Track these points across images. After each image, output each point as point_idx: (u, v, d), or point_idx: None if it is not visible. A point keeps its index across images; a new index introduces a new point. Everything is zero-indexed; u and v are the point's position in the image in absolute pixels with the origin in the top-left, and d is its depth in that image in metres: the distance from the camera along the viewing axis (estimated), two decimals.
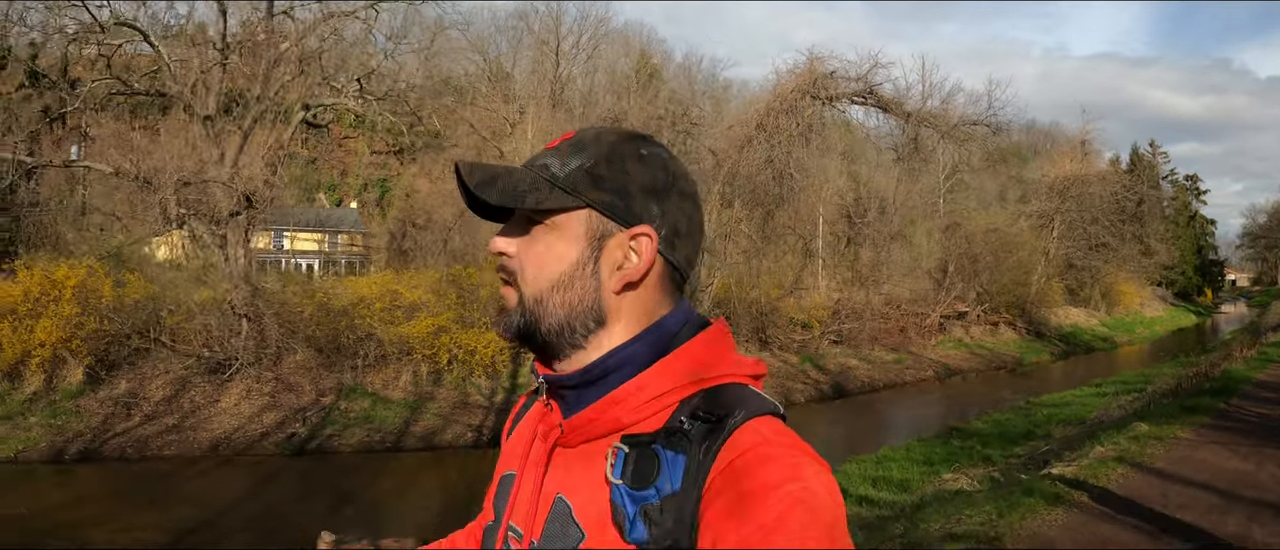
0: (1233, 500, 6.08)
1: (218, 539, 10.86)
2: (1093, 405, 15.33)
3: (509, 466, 1.07)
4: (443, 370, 17.89)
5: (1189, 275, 57.50)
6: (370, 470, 14.13)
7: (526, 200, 0.93)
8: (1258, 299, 62.80)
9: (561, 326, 0.95)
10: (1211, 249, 66.88)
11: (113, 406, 15.74)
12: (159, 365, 17.01)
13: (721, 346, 0.95)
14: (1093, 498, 6.02)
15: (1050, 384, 22.12)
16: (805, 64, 23.59)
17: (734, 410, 0.85)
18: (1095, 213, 35.66)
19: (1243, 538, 5.25)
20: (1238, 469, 7.06)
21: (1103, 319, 38.82)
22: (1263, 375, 13.75)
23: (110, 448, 14.44)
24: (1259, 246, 73.06)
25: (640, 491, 0.84)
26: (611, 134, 0.99)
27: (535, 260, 0.96)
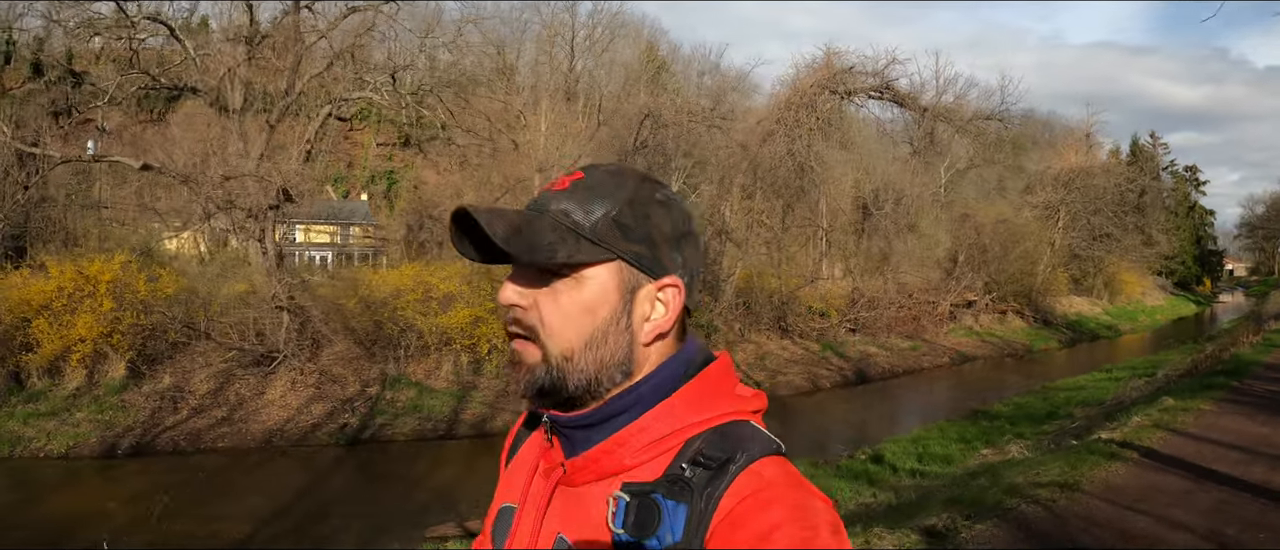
0: (1255, 455, 7.45)
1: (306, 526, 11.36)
2: (1107, 389, 16.51)
3: (508, 498, 1.07)
4: (482, 359, 18.77)
5: (1188, 265, 59.54)
6: (430, 458, 14.96)
7: (557, 255, 0.91)
8: (1255, 289, 64.96)
9: (590, 382, 0.94)
10: (1210, 239, 69.18)
11: (158, 401, 16.28)
12: (198, 359, 17.66)
13: (724, 384, 0.96)
14: (1141, 455, 7.38)
15: (1061, 370, 23.47)
16: (823, 59, 24.78)
17: (736, 454, 0.87)
18: (1099, 204, 37.13)
19: (1267, 482, 6.63)
20: (1257, 432, 8.44)
21: (1106, 308, 40.37)
22: (1269, 359, 15.36)
23: (163, 442, 14.93)
24: (1257, 237, 75.80)
25: (641, 542, 0.85)
26: (628, 177, 0.98)
27: (561, 316, 0.94)
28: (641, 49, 32.71)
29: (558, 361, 0.94)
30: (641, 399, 0.94)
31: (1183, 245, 55.56)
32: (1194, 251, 61.29)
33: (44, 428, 14.60)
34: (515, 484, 1.08)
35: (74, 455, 14.08)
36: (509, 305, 0.97)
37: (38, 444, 14.22)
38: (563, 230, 0.92)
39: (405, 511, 11.98)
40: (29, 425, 14.70)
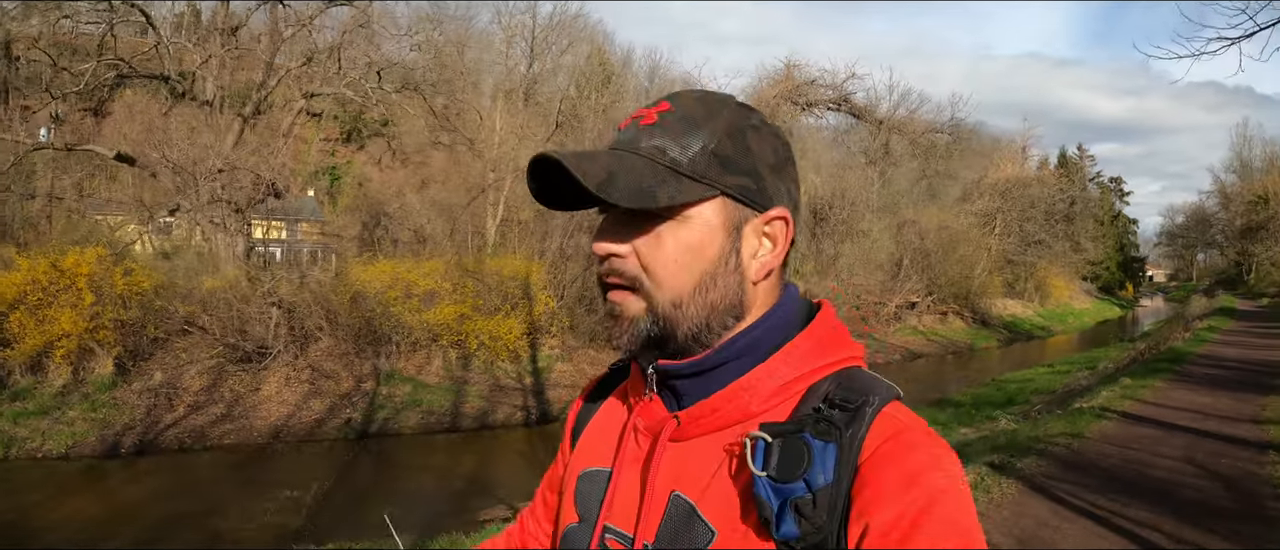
0: (1206, 416, 9.92)
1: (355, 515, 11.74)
2: (1055, 381, 18.97)
3: (595, 462, 1.06)
4: (470, 355, 19.87)
5: (1113, 271, 64.44)
6: (444, 450, 15.97)
7: (660, 197, 0.89)
8: (1175, 293, 70.69)
9: (701, 329, 0.93)
10: (1133, 247, 74.83)
11: (152, 398, 16.51)
12: (185, 355, 17.97)
13: (840, 329, 0.98)
14: (1120, 416, 9.79)
15: (1003, 366, 26.28)
16: (783, 71, 26.96)
17: (870, 396, 0.87)
18: (1032, 212, 40.17)
19: (1218, 431, 9.02)
20: (1203, 401, 11.07)
21: (1037, 310, 43.61)
22: (1201, 350, 18.59)
23: (167, 439, 15.25)
24: (1176, 245, 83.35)
25: (787, 484, 0.83)
26: (721, 104, 0.96)
27: (668, 261, 0.92)
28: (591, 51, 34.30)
29: (666, 310, 0.93)
30: (759, 342, 0.94)
31: (1108, 252, 60.33)
32: (1118, 258, 66.50)
33: (37, 427, 14.78)
34: (598, 449, 1.07)
35: (75, 455, 14.26)
36: (606, 255, 0.95)
37: (33, 444, 14.39)
38: (660, 169, 0.90)
39: (444, 500, 12.80)
40: (20, 425, 14.83)
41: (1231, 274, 66.24)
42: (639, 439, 1.01)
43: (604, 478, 1.04)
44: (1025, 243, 41.29)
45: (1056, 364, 23.57)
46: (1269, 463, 7.58)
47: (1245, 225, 60.73)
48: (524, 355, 20.71)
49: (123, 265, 18.24)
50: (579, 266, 23.40)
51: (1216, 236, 72.24)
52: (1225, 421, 9.50)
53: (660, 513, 0.94)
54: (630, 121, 0.97)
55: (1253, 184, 61.26)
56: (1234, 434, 8.77)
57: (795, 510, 0.83)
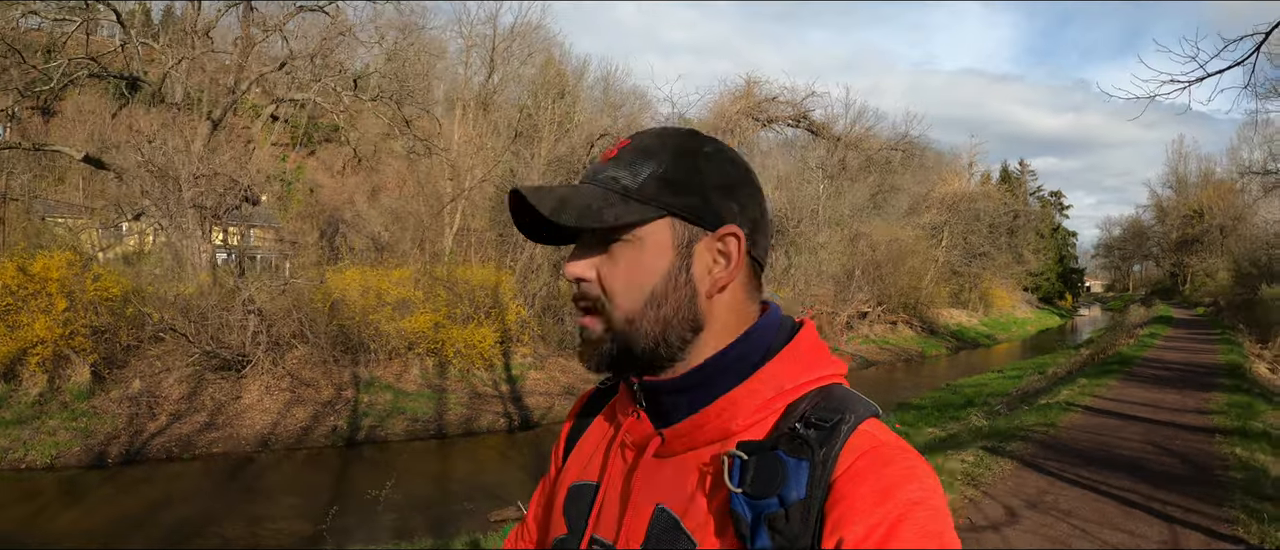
0: (1157, 408, 11.76)
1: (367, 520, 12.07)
2: (1008, 385, 20.63)
3: (583, 476, 1.13)
4: (447, 363, 20.59)
5: (1053, 281, 67.66)
6: (436, 455, 16.70)
7: (605, 217, 0.99)
8: (1113, 303, 74.69)
9: (656, 343, 1.01)
10: (1073, 258, 78.18)
11: (133, 407, 16.59)
12: (160, 363, 18.12)
13: (820, 347, 1.04)
14: (1083, 409, 11.45)
15: (955, 372, 28.11)
16: (744, 87, 28.31)
17: (845, 414, 0.93)
18: (977, 226, 42.24)
19: (1171, 421, 10.59)
20: (1153, 396, 13.01)
21: (982, 319, 45.87)
22: (1146, 354, 20.98)
23: (153, 449, 15.33)
24: (1114, 256, 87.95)
25: (761, 500, 0.89)
26: (672, 135, 1.06)
27: (622, 279, 1.02)
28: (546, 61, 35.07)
29: (620, 327, 1.02)
30: (742, 359, 1.01)
31: (1048, 264, 63.60)
32: (1058, 269, 69.96)
33: (18, 437, 14.77)
34: (586, 464, 1.15)
35: (61, 465, 14.28)
36: (575, 279, 1.04)
37: (16, 455, 14.35)
38: (611, 195, 1.00)
39: (449, 503, 13.33)
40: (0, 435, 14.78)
41: (1167, 284, 70.40)
42: (625, 454, 1.07)
43: (591, 491, 1.10)
44: (970, 254, 43.44)
45: (1006, 370, 25.34)
46: (1215, 443, 9.31)
47: (1181, 238, 64.61)
48: (498, 364, 21.51)
49: (91, 270, 18.41)
50: (548, 275, 24.36)
51: (1152, 248, 76.80)
52: (1175, 413, 11.15)
53: (645, 525, 0.99)
54: (599, 160, 1.07)
55: (1188, 199, 64.98)
56: (1184, 422, 10.40)
57: (769, 525, 0.88)
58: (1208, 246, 59.58)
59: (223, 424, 17.03)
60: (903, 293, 37.79)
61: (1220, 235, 56.97)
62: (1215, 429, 10.02)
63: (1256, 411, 11.62)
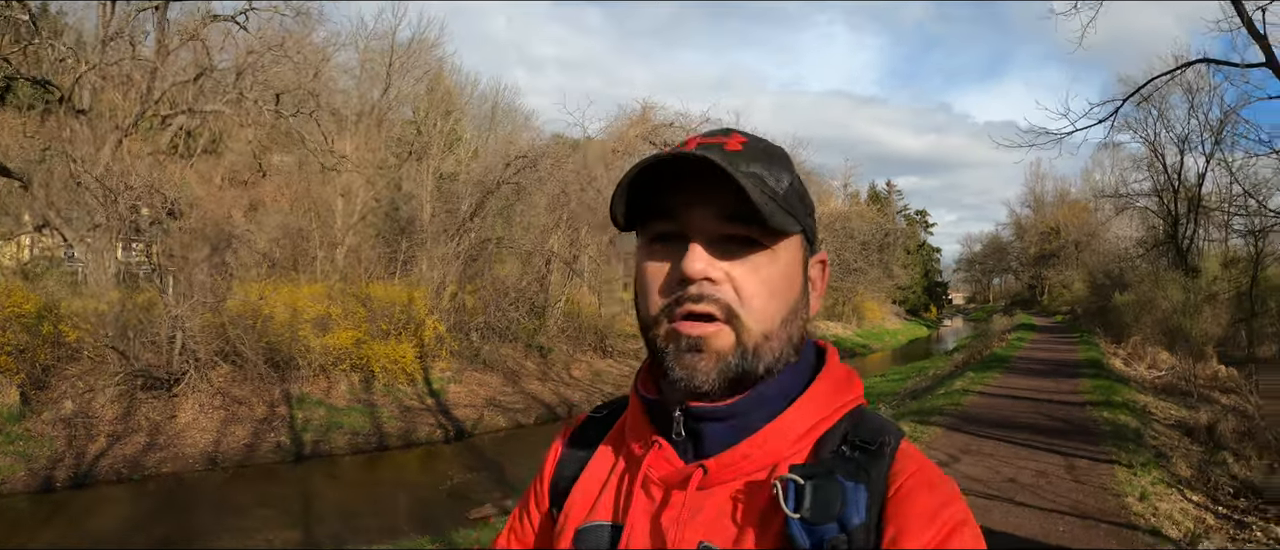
0: (1038, 390, 15.58)
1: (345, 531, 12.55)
2: (895, 386, 24.15)
3: (595, 517, 1.10)
4: (372, 379, 22.06)
5: (919, 295, 73.24)
6: (386, 466, 18.15)
7: (778, 223, 0.96)
8: (975, 314, 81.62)
9: (775, 363, 1.00)
10: (937, 273, 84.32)
11: (68, 429, 16.90)
12: (82, 382, 18.36)
13: (850, 371, 1.08)
14: (979, 394, 14.79)
15: None
16: (640, 112, 30.80)
17: (885, 437, 0.97)
18: (851, 243, 46.17)
19: (1049, 398, 13.79)
20: (1032, 383, 17.01)
21: (856, 330, 50.07)
22: (1018, 354, 25.79)
23: (101, 471, 15.71)
24: (975, 271, 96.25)
25: (820, 526, 0.90)
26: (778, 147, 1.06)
27: (765, 290, 0.98)
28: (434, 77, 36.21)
29: (756, 342, 0.98)
30: (790, 386, 1.02)
31: (915, 278, 68.73)
32: (924, 283, 76.00)
33: None
34: (596, 502, 1.11)
35: (7, 492, 14.43)
36: (701, 277, 0.97)
37: None
38: (765, 197, 0.96)
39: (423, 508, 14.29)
40: None
41: (1026, 295, 78.10)
42: (651, 491, 1.05)
43: (609, 532, 1.07)
44: (845, 270, 47.08)
45: (888, 374, 28.71)
46: (1087, 411, 13.02)
47: (1039, 253, 71.11)
48: (419, 378, 23.17)
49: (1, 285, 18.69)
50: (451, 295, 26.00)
51: (1012, 263, 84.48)
52: (1053, 393, 14.91)
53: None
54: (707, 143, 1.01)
55: (1045, 217, 71.68)
56: (1061, 400, 14.14)
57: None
58: (1064, 260, 66.79)
59: (165, 444, 17.60)
60: None
61: (1075, 250, 65.26)
62: (1086, 402, 13.79)
63: (1115, 390, 15.71)
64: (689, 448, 1.03)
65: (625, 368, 30.37)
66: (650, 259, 1.02)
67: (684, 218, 0.98)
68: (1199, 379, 17.59)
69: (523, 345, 27.69)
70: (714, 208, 0.96)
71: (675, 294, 0.98)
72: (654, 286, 1.01)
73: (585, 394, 25.57)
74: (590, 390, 26.50)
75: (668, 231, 1.00)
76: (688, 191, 0.97)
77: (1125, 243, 44.57)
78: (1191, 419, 12.38)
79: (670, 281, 0.99)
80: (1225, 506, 8.10)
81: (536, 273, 29.31)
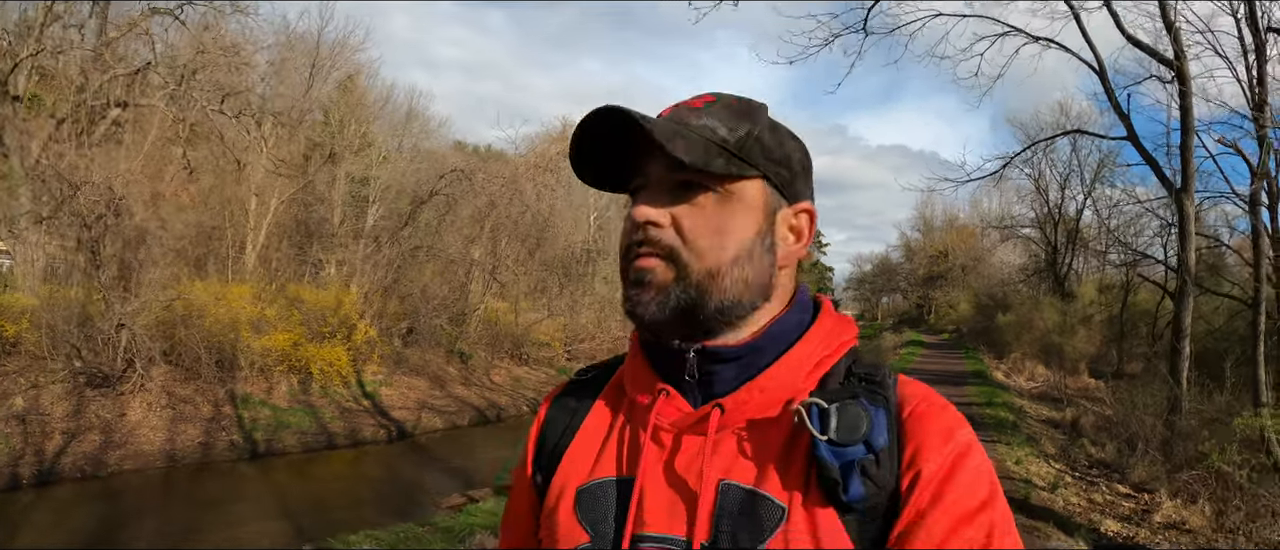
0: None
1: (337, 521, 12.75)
2: None
3: (598, 474, 1.17)
4: (309, 380, 23.72)
5: None
6: (343, 463, 19.72)
7: (714, 164, 1.09)
8: (865, 331, 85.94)
9: (735, 301, 1.10)
10: (830, 290, 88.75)
11: (21, 426, 17.59)
12: (22, 380, 19.00)
13: (845, 316, 1.21)
14: None
15: None
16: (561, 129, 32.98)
17: (883, 368, 1.11)
18: None
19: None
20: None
21: None
22: (910, 366, 30.26)
23: (64, 469, 16.48)
24: (864, 289, 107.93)
25: (847, 448, 1.00)
26: (759, 106, 1.19)
27: (710, 230, 1.10)
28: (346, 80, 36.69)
29: (700, 278, 1.09)
30: (794, 327, 1.15)
31: None
32: None
33: None
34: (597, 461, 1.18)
35: None
36: (644, 221, 1.10)
37: None
38: (711, 144, 1.09)
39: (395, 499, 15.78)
40: None
41: (914, 314, 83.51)
42: (661, 438, 1.12)
43: (617, 487, 1.13)
44: None
45: None
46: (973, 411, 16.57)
47: (927, 274, 75.69)
48: (353, 381, 25.03)
49: None
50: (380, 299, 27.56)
51: (901, 283, 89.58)
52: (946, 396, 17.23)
53: (710, 506, 1.05)
54: (673, 109, 1.16)
55: (934, 240, 76.41)
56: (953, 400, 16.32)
57: (862, 471, 0.99)
58: (951, 282, 72.64)
59: (120, 442, 18.42)
60: None
61: (962, 273, 71.56)
62: (971, 403, 17.62)
63: (997, 395, 19.91)
64: (697, 393, 1.12)
65: (542, 375, 32.16)
66: (628, 212, 1.15)
67: (645, 171, 1.14)
68: (1070, 389, 21.35)
69: (444, 351, 29.68)
70: (666, 159, 1.08)
71: (630, 239, 1.12)
72: (623, 235, 1.14)
73: (510, 398, 27.73)
74: (514, 395, 28.38)
75: (638, 185, 1.15)
76: (648, 149, 1.11)
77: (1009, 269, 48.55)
78: (1059, 417, 15.62)
79: (629, 228, 1.13)
80: (1081, 473, 10.95)
81: (458, 281, 31.00)
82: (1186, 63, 13.08)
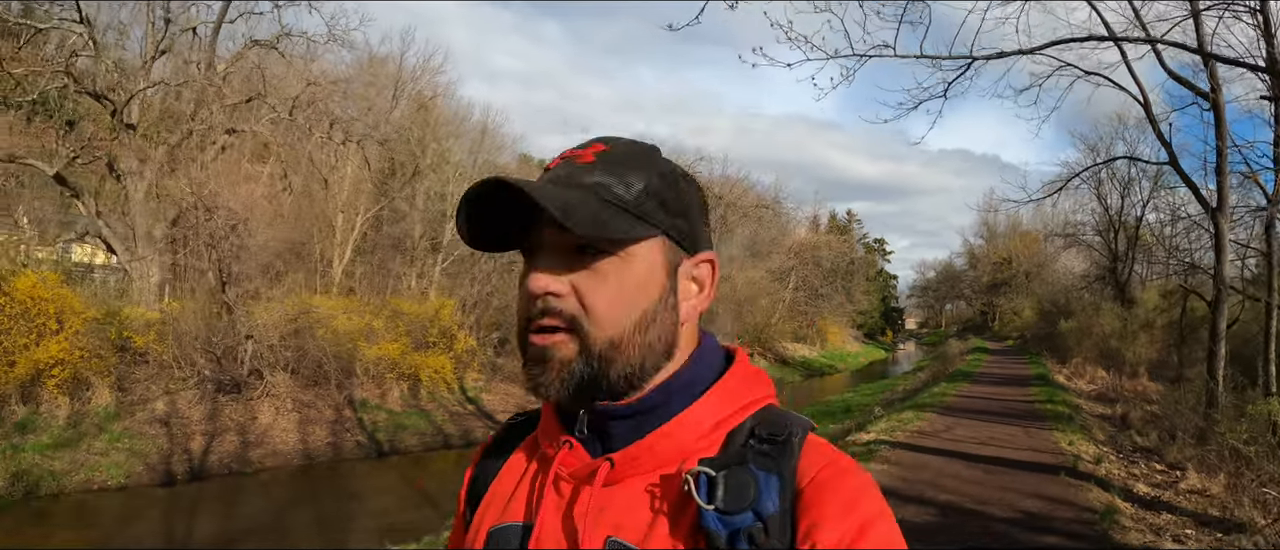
0: (1000, 394, 21.34)
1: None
2: (871, 399, 29.98)
3: (506, 518, 1.19)
4: (418, 386, 26.11)
5: (876, 319, 79.55)
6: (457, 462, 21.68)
7: (612, 229, 1.04)
8: (928, 338, 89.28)
9: (635, 370, 1.08)
10: (894, 298, 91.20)
11: (165, 428, 19.37)
12: (155, 386, 20.60)
13: (758, 371, 1.18)
14: (955, 395, 20.91)
15: (819, 393, 37.67)
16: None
17: (792, 429, 1.06)
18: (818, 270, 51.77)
19: (1006, 401, 19.09)
20: (993, 390, 23.87)
21: (820, 352, 56.31)
22: (978, 370, 32.59)
23: (213, 465, 18.36)
24: (928, 297, 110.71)
25: (734, 516, 0.98)
26: (652, 151, 1.16)
27: (612, 298, 1.06)
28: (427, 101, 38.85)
29: (602, 349, 1.06)
30: (693, 383, 1.11)
31: (874, 303, 74.94)
32: (881, 308, 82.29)
33: (74, 460, 16.84)
34: (507, 505, 1.20)
35: (135, 486, 16.66)
36: (542, 293, 1.06)
37: (82, 477, 16.51)
38: (607, 205, 1.05)
39: None
40: (51, 458, 16.71)
41: (978, 321, 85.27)
42: (561, 488, 1.13)
43: (520, 532, 1.14)
44: (812, 295, 52.43)
45: (860, 389, 34.50)
46: (1035, 406, 19.51)
47: (991, 281, 77.49)
48: (457, 387, 27.54)
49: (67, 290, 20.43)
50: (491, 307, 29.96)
51: (965, 290, 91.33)
52: (1010, 395, 21.54)
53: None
54: (562, 160, 1.12)
55: (997, 247, 78.11)
56: (1016, 399, 20.81)
57: (749, 540, 0.97)
58: (1015, 289, 74.38)
59: (257, 442, 20.33)
60: (755, 329, 45.85)
61: (1026, 279, 73.18)
62: (1034, 401, 20.34)
63: (1057, 395, 22.55)
64: (597, 446, 1.12)
65: None
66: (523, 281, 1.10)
67: (537, 236, 1.09)
68: (1126, 391, 23.34)
69: None
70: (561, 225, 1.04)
71: (529, 310, 1.09)
72: (519, 305, 1.11)
73: None
74: None
75: (533, 246, 1.10)
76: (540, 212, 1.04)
77: (1072, 275, 50.52)
78: (1111, 412, 18.28)
79: (527, 298, 1.09)
80: (1124, 455, 13.53)
81: None
82: (1221, 94, 15.13)
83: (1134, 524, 8.97)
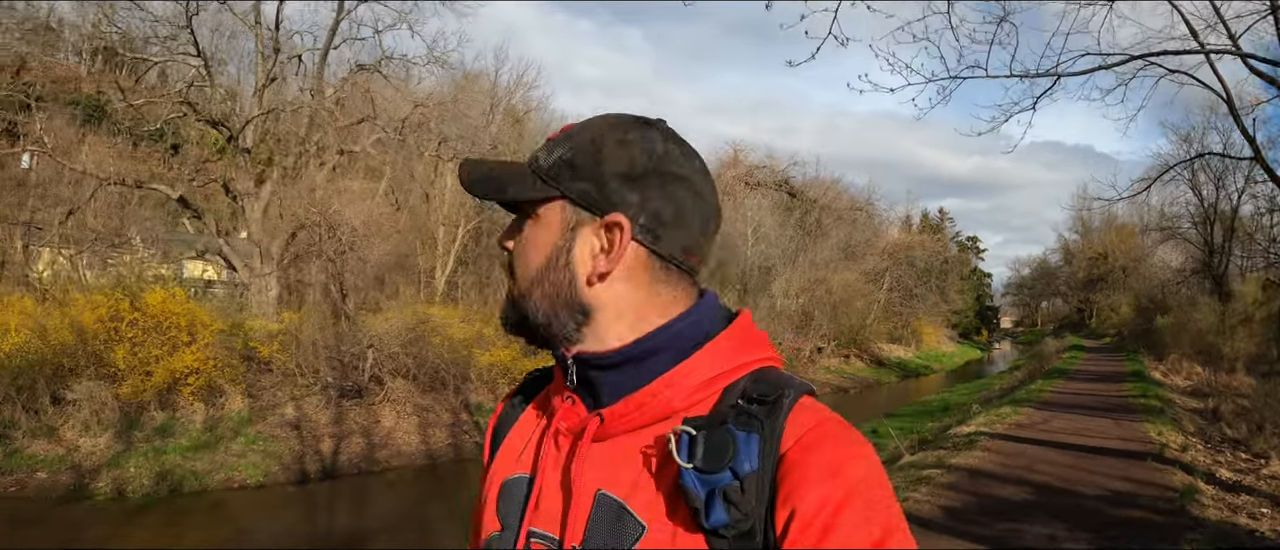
0: (1094, 390, 21.96)
1: None
2: (970, 398, 30.83)
3: (515, 470, 1.26)
4: None
5: (971, 319, 79.77)
6: None
7: (507, 191, 1.20)
8: (1024, 337, 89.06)
9: (547, 319, 1.19)
10: (988, 297, 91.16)
11: (295, 431, 20.37)
12: (281, 393, 21.73)
13: (757, 333, 1.21)
14: (1052, 391, 21.86)
15: (914, 394, 38.54)
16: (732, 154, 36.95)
17: (784, 390, 1.09)
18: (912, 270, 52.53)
19: (1105, 396, 20.12)
20: (1089, 386, 24.62)
21: (915, 353, 57.25)
22: (1074, 368, 33.44)
23: (343, 465, 19.27)
24: (1023, 295, 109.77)
25: (713, 474, 1.01)
26: (601, 121, 1.23)
27: (522, 253, 1.21)
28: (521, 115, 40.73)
29: (517, 296, 1.22)
30: (679, 339, 1.15)
31: (968, 302, 75.13)
32: (975, 307, 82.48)
33: (214, 460, 17.98)
34: (518, 457, 1.28)
35: (272, 484, 17.69)
36: (500, 246, 1.27)
37: (223, 476, 17.62)
38: (524, 173, 1.20)
39: None
40: (192, 459, 17.80)
41: (1074, 319, 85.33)
42: (560, 442, 1.19)
43: (525, 484, 1.22)
44: (906, 296, 53.16)
45: (955, 389, 35.41)
46: (1129, 400, 20.39)
47: (1087, 277, 76.93)
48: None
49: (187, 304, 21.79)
50: None
51: (1061, 286, 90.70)
52: (1105, 391, 22.44)
53: (587, 513, 1.11)
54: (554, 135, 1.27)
55: (1093, 242, 77.52)
56: (1110, 395, 21.77)
57: (724, 498, 1.00)
58: (1112, 284, 73.51)
59: (382, 444, 21.40)
60: (851, 330, 46.78)
61: (1123, 275, 71.72)
62: (1127, 396, 21.32)
63: (1150, 390, 23.25)
64: (591, 401, 1.18)
65: None
66: None
67: None
68: (1221, 386, 23.91)
69: None
70: None
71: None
72: None
73: None
74: None
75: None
76: None
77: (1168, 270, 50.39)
78: (1203, 406, 19.07)
79: None
80: (1212, 445, 14.53)
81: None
82: None
83: (1212, 502, 9.94)
